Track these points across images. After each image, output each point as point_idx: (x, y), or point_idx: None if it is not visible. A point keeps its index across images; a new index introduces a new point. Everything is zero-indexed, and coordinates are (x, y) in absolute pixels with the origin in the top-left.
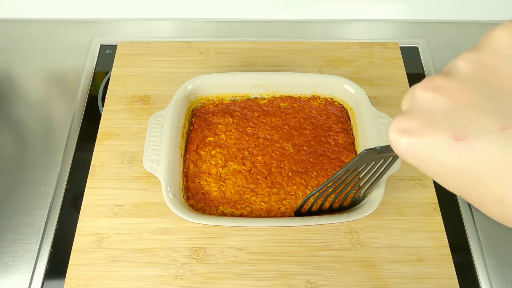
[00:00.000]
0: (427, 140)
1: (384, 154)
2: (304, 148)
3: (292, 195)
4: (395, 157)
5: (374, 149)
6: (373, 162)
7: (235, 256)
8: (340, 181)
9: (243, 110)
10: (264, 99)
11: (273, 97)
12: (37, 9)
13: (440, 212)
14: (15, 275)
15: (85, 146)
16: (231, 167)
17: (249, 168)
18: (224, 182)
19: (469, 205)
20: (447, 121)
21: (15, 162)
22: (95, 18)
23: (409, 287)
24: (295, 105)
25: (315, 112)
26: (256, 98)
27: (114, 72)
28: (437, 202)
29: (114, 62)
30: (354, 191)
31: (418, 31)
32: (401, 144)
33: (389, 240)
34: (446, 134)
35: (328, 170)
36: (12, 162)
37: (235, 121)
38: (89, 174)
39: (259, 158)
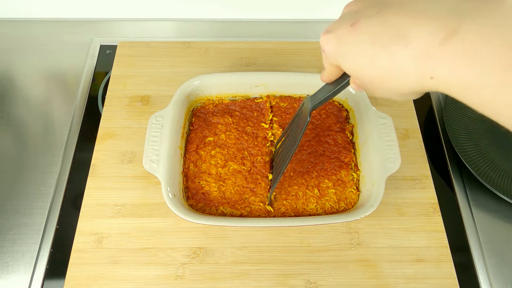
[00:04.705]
0: (338, 31)
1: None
2: (304, 148)
3: (293, 195)
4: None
5: (314, 95)
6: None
7: (235, 256)
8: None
9: (243, 110)
10: (264, 99)
11: (273, 97)
12: (37, 9)
13: (440, 212)
14: (15, 275)
15: (85, 146)
16: (231, 167)
17: (249, 168)
18: (224, 182)
19: (469, 205)
20: (349, 19)
21: (15, 162)
22: (95, 18)
23: (409, 287)
24: (295, 105)
25: (315, 112)
26: (256, 98)
27: (114, 72)
28: (437, 202)
29: (114, 62)
30: None
31: None
32: (325, 41)
33: (389, 240)
34: (347, 24)
35: (328, 170)
36: (12, 162)
37: (234, 121)
38: (89, 174)
39: (259, 158)
